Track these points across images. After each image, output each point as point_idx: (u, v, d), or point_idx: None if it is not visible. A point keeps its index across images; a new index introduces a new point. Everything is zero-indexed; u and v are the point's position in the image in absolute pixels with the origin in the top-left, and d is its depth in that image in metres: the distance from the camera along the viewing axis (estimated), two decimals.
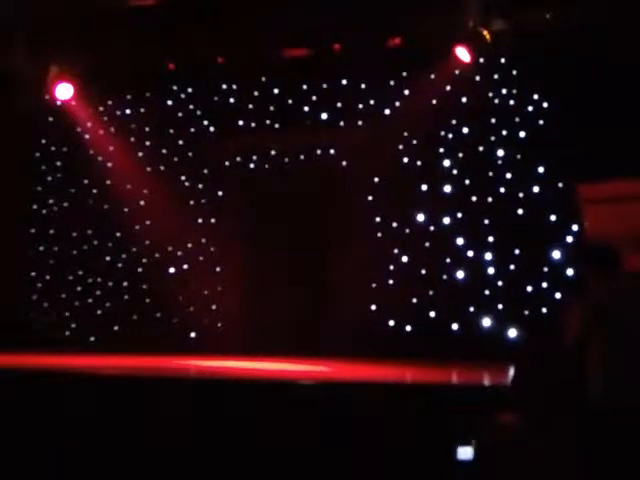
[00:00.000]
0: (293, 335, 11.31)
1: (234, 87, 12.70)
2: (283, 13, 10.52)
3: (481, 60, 10.97)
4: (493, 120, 11.22)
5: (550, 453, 4.92)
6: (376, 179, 11.75)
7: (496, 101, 11.22)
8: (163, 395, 7.76)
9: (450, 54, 10.74)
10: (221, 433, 7.35)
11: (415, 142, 11.60)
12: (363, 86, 12.01)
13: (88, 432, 7.63)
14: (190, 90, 12.93)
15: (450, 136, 11.43)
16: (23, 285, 13.38)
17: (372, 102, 11.95)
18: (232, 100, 12.71)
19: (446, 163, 11.43)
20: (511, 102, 11.16)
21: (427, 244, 11.38)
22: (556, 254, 10.57)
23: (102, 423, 7.66)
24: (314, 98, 12.29)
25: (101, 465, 7.45)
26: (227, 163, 12.64)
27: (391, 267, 11.49)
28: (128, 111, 13.23)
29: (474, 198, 11.20)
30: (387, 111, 11.86)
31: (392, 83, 11.83)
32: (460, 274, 11.12)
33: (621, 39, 9.83)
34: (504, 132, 11.16)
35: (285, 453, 7.07)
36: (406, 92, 11.73)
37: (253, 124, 12.57)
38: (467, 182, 11.29)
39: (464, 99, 11.39)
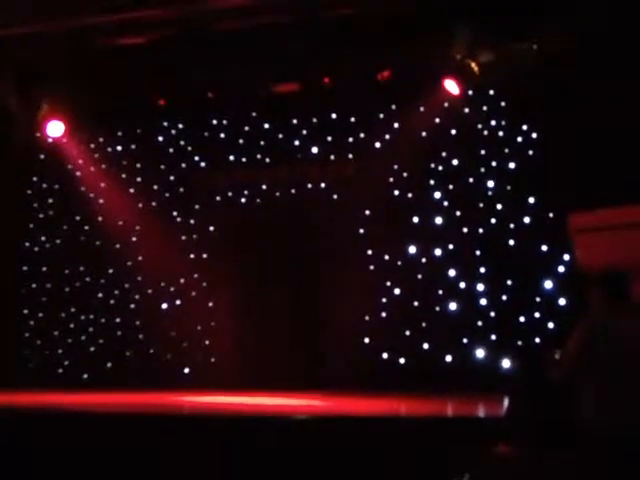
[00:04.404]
0: (287, 369, 11.26)
1: (224, 122, 12.75)
2: (272, 48, 10.59)
3: (470, 92, 11.06)
4: (483, 151, 11.30)
5: None
6: (367, 212, 11.78)
7: (485, 132, 11.31)
8: (157, 431, 7.72)
9: (439, 87, 10.83)
10: (215, 468, 7.31)
11: (405, 174, 11.66)
12: (353, 119, 12.07)
13: (83, 470, 7.58)
14: (181, 126, 12.99)
15: (440, 168, 11.49)
16: (16, 323, 13.30)
17: (362, 135, 12.00)
18: (222, 135, 12.75)
19: (437, 195, 11.48)
20: (500, 133, 11.25)
21: (419, 276, 11.39)
22: (548, 284, 10.61)
23: (96, 460, 7.62)
24: (304, 132, 12.34)
25: None
26: (218, 198, 12.65)
27: (384, 299, 11.49)
28: (119, 147, 13.26)
29: (465, 229, 11.24)
30: (377, 144, 11.90)
31: (382, 116, 11.91)
32: (453, 305, 11.12)
33: (608, 69, 9.91)
34: (494, 163, 11.24)
35: None
36: (396, 125, 11.80)
37: (244, 159, 12.59)
38: (458, 214, 11.33)
39: (453, 131, 11.47)
